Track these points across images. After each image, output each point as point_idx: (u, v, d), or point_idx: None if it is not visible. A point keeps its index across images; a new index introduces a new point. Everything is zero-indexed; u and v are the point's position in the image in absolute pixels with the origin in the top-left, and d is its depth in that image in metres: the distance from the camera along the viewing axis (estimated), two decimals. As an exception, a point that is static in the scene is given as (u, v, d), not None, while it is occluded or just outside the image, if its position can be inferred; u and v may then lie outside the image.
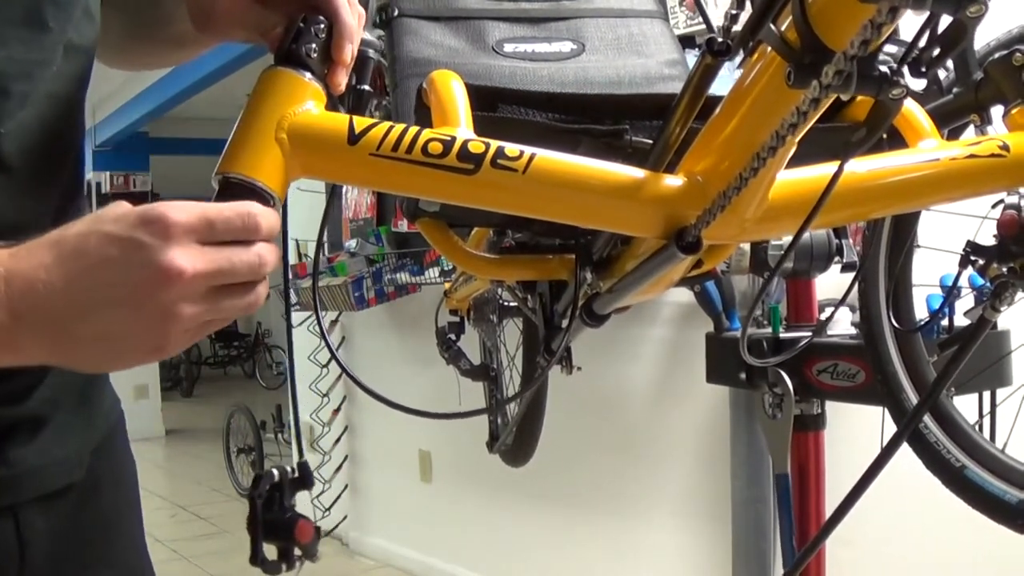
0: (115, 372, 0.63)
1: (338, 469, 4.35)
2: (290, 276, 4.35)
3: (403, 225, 3.52)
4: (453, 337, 1.98)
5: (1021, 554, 1.56)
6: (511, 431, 1.86)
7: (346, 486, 4.36)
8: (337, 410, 4.33)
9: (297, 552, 0.65)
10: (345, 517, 4.37)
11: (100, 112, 7.11)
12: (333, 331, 4.30)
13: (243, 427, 5.39)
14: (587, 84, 1.03)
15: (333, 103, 0.74)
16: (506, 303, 1.80)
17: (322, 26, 0.66)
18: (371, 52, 0.78)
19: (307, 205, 3.64)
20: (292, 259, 4.42)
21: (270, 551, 0.65)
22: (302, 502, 0.68)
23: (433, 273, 3.45)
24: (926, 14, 0.49)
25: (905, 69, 0.51)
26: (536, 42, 1.09)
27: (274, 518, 0.65)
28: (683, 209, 0.66)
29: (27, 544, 0.75)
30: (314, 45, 0.65)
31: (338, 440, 4.34)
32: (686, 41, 2.31)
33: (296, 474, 0.67)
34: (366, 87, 0.78)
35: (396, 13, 1.09)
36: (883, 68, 0.51)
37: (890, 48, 0.57)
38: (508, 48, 1.08)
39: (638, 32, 1.13)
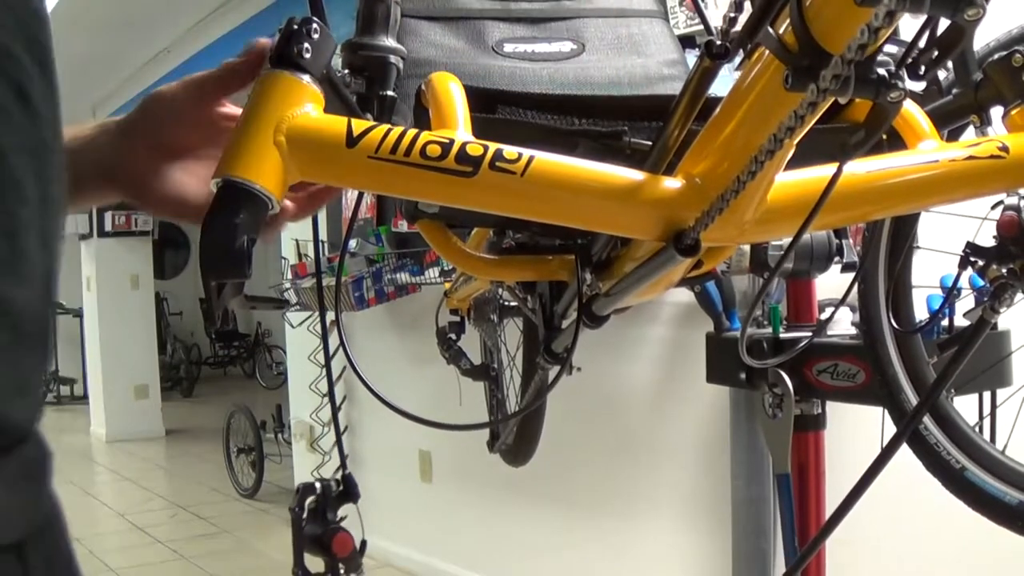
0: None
1: (338, 469, 4.35)
2: (290, 276, 4.34)
3: (403, 225, 3.52)
4: (453, 337, 1.97)
5: (1020, 555, 1.56)
6: (511, 431, 1.86)
7: (346, 486, 4.36)
8: (337, 410, 4.33)
9: (342, 568, 0.65)
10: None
11: (100, 112, 7.12)
12: (332, 331, 4.30)
13: (243, 427, 5.39)
14: (587, 84, 1.03)
15: (353, 110, 0.74)
16: (506, 303, 1.80)
17: (315, 26, 0.66)
18: (393, 58, 0.78)
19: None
20: (292, 259, 4.41)
21: (316, 563, 0.65)
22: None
23: (433, 273, 3.45)
24: (924, 17, 0.49)
25: (903, 72, 0.51)
26: (536, 42, 1.09)
27: (313, 531, 0.66)
28: (681, 211, 0.65)
29: None
30: (307, 45, 0.65)
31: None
32: (686, 41, 2.31)
33: (341, 487, 0.67)
34: (390, 92, 0.77)
35: None
36: (881, 71, 0.51)
37: (889, 48, 0.57)
38: (508, 48, 1.08)
39: (638, 32, 1.13)
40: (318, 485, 0.67)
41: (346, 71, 0.78)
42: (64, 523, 0.79)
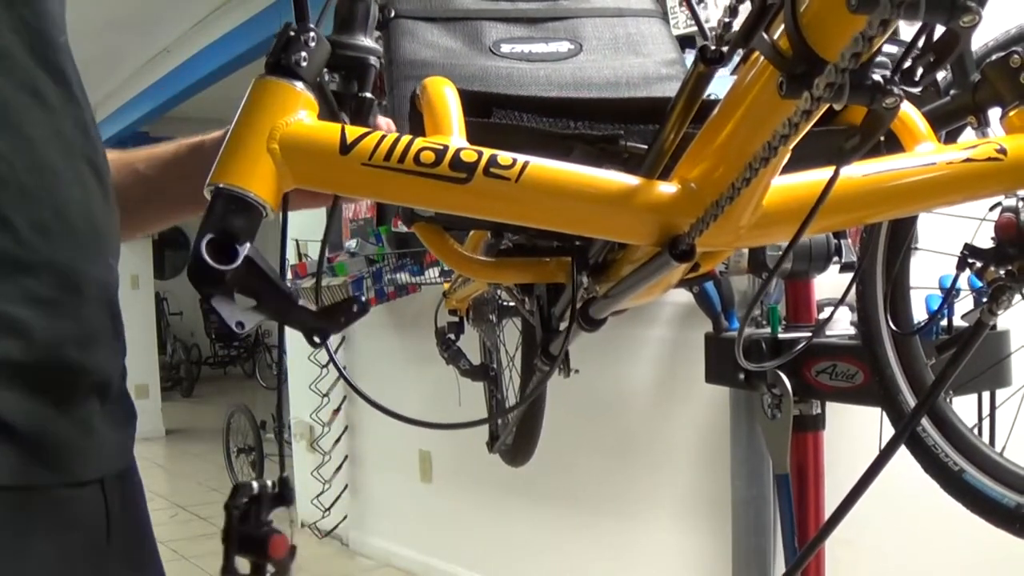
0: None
1: (338, 469, 4.35)
2: (290, 276, 4.35)
3: (403, 225, 3.51)
4: (452, 337, 1.97)
5: (1020, 556, 1.56)
6: (511, 431, 1.85)
7: (346, 486, 4.36)
8: (337, 410, 4.33)
9: (271, 569, 0.65)
10: (345, 517, 4.36)
11: (100, 112, 7.10)
12: (333, 331, 4.29)
13: (243, 427, 5.39)
14: (584, 85, 1.03)
15: (335, 115, 0.73)
16: (505, 303, 1.80)
17: (311, 34, 0.65)
18: (372, 59, 0.77)
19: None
20: (292, 259, 4.41)
21: (244, 564, 0.65)
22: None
23: (433, 273, 3.45)
24: (919, 24, 0.48)
25: (898, 78, 0.51)
26: (533, 42, 1.09)
27: (249, 531, 0.65)
28: (677, 217, 0.65)
29: (112, 517, 0.76)
30: (304, 54, 0.64)
31: (338, 440, 4.34)
32: (685, 41, 2.31)
33: (276, 489, 0.67)
34: (368, 95, 0.77)
35: (393, 14, 1.09)
36: (876, 77, 0.51)
37: (889, 48, 0.57)
38: (505, 49, 1.07)
39: (636, 32, 1.13)
40: (254, 484, 0.67)
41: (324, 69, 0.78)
42: (138, 480, 0.84)
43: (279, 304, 0.62)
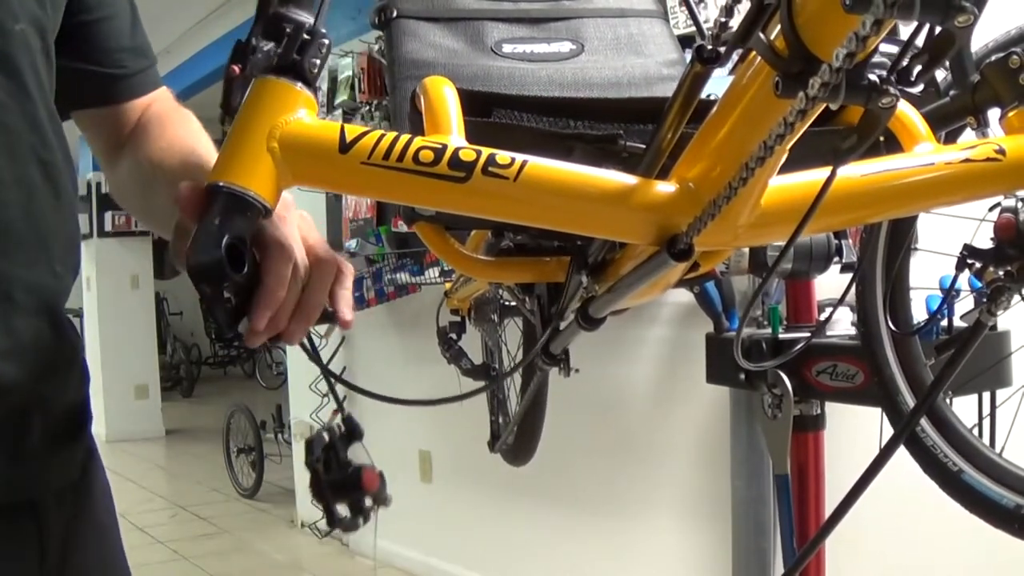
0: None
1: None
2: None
3: (403, 225, 3.52)
4: (454, 337, 1.98)
5: (1019, 557, 1.56)
6: (512, 430, 1.86)
7: (347, 486, 4.37)
8: (337, 410, 4.34)
9: (368, 502, 0.65)
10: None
11: (100, 112, 7.10)
12: (333, 331, 4.30)
13: (243, 427, 5.38)
14: (586, 85, 1.03)
15: None
16: (507, 303, 1.80)
17: (325, 40, 0.65)
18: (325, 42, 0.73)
19: (307, 205, 3.64)
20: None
21: (342, 509, 0.66)
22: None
23: (433, 273, 3.45)
24: (914, 24, 0.48)
25: (894, 77, 0.51)
26: (535, 42, 1.09)
27: (338, 477, 0.66)
28: (674, 216, 0.65)
29: (50, 538, 0.74)
30: (316, 61, 0.64)
31: (338, 440, 4.35)
32: (685, 41, 2.31)
33: (344, 428, 0.68)
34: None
35: (395, 14, 1.09)
36: (872, 77, 0.51)
37: (888, 48, 0.57)
38: (507, 49, 1.08)
39: (637, 32, 1.13)
40: (324, 434, 0.68)
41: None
42: (100, 491, 0.81)
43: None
